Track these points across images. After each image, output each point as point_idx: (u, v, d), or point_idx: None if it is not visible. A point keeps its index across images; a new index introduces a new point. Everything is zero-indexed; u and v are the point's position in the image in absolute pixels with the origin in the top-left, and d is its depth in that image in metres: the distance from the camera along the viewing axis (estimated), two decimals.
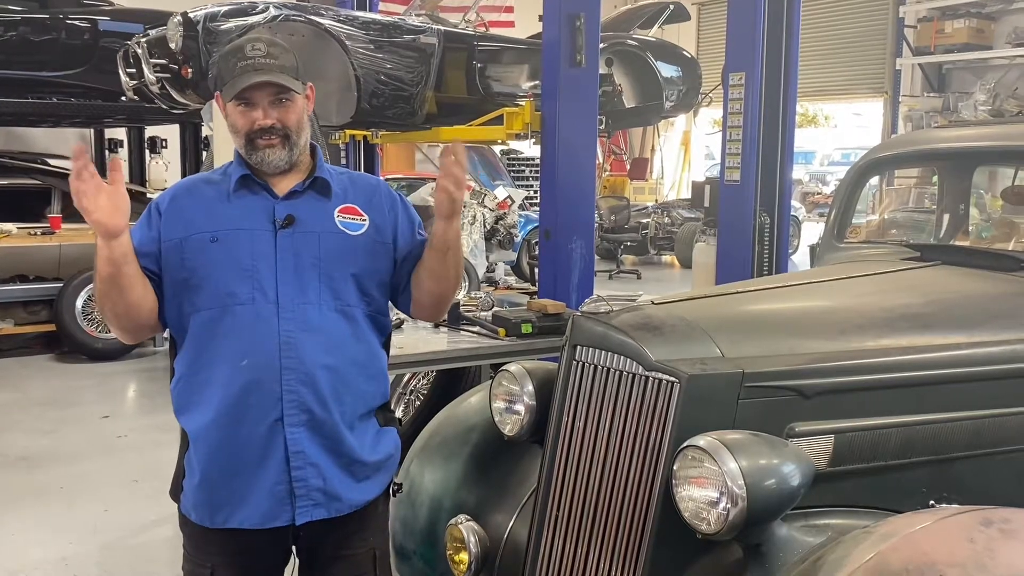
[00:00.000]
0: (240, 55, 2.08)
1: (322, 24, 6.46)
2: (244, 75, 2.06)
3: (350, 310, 2.13)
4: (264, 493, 2.05)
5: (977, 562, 1.63)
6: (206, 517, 2.10)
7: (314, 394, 2.05)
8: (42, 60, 8.53)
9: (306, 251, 2.09)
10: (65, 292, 7.84)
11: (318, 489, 2.08)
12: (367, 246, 2.17)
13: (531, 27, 8.95)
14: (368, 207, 2.20)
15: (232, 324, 2.04)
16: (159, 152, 12.12)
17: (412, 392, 5.18)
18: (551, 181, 5.79)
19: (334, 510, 2.11)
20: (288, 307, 2.05)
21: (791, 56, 4.89)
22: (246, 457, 2.04)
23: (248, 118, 2.08)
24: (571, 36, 5.60)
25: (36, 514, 4.62)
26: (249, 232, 2.08)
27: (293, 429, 2.04)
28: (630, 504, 2.10)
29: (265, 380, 2.02)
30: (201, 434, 2.07)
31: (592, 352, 2.24)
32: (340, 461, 2.10)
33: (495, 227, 11.01)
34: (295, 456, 2.05)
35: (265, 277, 2.06)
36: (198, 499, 2.10)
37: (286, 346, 2.03)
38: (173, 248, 2.08)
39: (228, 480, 2.06)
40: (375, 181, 2.32)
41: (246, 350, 2.03)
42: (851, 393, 2.21)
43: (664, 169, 19.48)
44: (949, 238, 3.53)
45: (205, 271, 2.06)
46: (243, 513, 2.06)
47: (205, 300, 2.06)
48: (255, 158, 2.10)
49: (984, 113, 12.73)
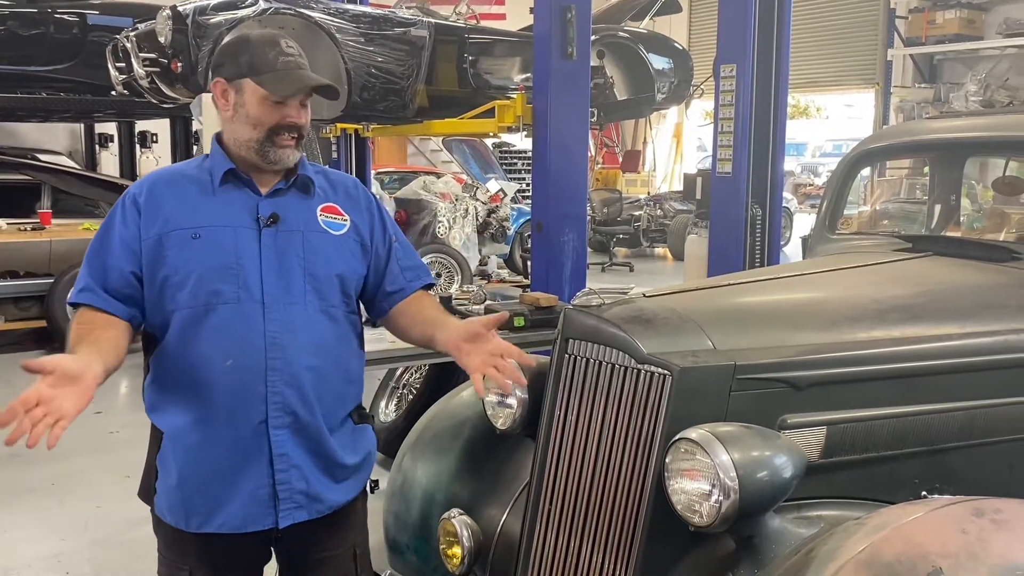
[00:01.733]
0: (278, 48, 2.03)
1: (312, 17, 6.44)
2: (293, 71, 2.02)
3: (333, 311, 2.10)
4: (246, 496, 2.00)
5: (969, 552, 1.63)
6: (182, 520, 2.03)
7: (299, 395, 2.01)
8: (31, 54, 8.49)
9: (290, 250, 2.05)
10: (56, 288, 7.80)
11: (301, 492, 2.04)
12: (348, 246, 2.14)
13: (522, 19, 8.93)
14: (348, 207, 2.17)
15: (216, 323, 1.98)
16: (149, 147, 12.09)
17: (405, 386, 5.18)
18: (543, 174, 5.78)
19: (315, 511, 2.07)
20: (274, 307, 2.00)
21: (782, 48, 4.89)
22: (228, 459, 1.98)
23: (279, 113, 2.02)
24: (562, 28, 5.59)
25: (28, 511, 4.60)
26: (232, 229, 2.03)
27: (277, 431, 2.00)
28: (623, 497, 2.10)
29: (250, 381, 1.98)
30: (179, 434, 2.00)
31: (584, 345, 2.24)
32: (321, 463, 2.07)
33: (487, 220, 11.00)
34: (279, 459, 2.01)
35: (250, 276, 2.00)
36: (174, 501, 2.03)
37: (272, 347, 1.99)
38: (152, 245, 2.00)
39: (208, 482, 2.00)
40: (352, 180, 2.29)
41: (231, 350, 1.97)
42: (843, 384, 2.21)
43: (656, 161, 19.50)
44: (940, 229, 3.54)
45: (187, 268, 1.98)
46: (223, 516, 2.01)
47: (187, 298, 1.98)
48: (272, 155, 2.04)
49: (975, 104, 12.77)
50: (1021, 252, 2.87)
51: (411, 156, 16.36)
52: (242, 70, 2.03)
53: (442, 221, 10.49)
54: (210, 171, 2.09)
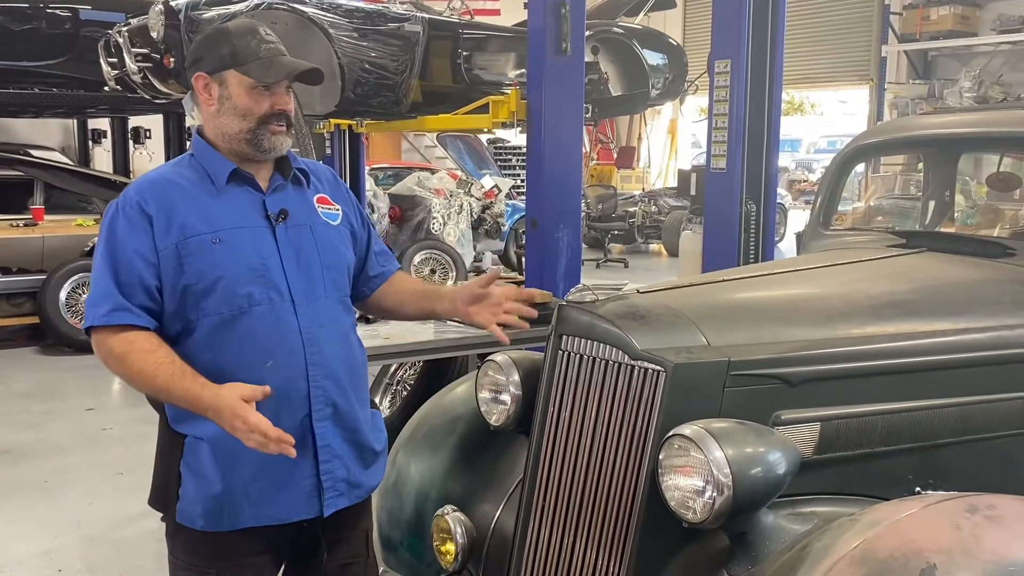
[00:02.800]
0: (259, 37, 2.03)
1: (305, 12, 6.41)
2: (276, 58, 2.01)
3: (346, 300, 2.18)
4: (292, 489, 2.02)
5: (963, 548, 1.63)
6: (225, 521, 2.00)
7: (337, 386, 2.06)
8: (22, 50, 8.45)
9: (304, 245, 2.07)
10: (48, 284, 7.77)
11: (343, 480, 2.09)
12: (344, 235, 2.19)
13: (516, 15, 8.91)
14: (335, 196, 2.21)
15: (249, 326, 1.97)
16: (143, 143, 12.07)
17: (399, 383, 5.17)
18: (538, 170, 5.77)
19: (355, 497, 2.14)
20: (303, 303, 2.03)
21: (777, 43, 4.88)
22: (276, 457, 1.92)
23: (267, 101, 2.01)
24: (556, 24, 5.58)
25: (20, 508, 4.59)
26: (248, 230, 2.02)
27: (321, 423, 2.04)
28: (616, 493, 2.09)
29: (293, 379, 2.00)
30: (220, 440, 1.94)
31: (578, 342, 2.23)
32: (357, 450, 2.13)
33: (482, 216, 11.00)
34: (323, 450, 2.05)
35: (276, 275, 2.01)
36: (211, 505, 1.99)
37: (309, 343, 2.02)
38: (171, 255, 1.96)
39: (256, 481, 1.99)
40: (330, 170, 2.33)
41: (269, 351, 1.98)
42: (837, 380, 2.20)
43: (651, 157, 19.50)
44: (935, 225, 3.54)
45: (213, 274, 1.96)
46: (270, 509, 2.01)
47: (215, 304, 1.96)
48: (266, 144, 2.03)
49: (969, 100, 12.78)
50: (1015, 248, 2.87)
51: (405, 152, 16.36)
52: (225, 61, 2.01)
53: (436, 217, 10.49)
54: (207, 171, 2.05)
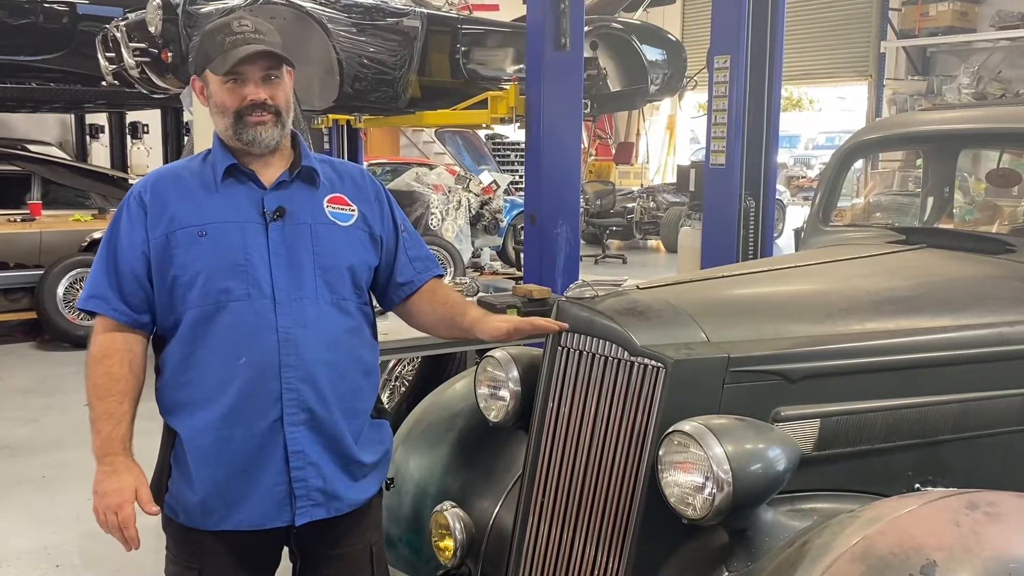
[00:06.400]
0: (227, 31, 2.01)
1: (303, 7, 6.40)
2: (235, 48, 1.98)
3: (345, 304, 2.07)
4: (263, 494, 1.99)
5: (963, 545, 1.63)
6: (198, 519, 2.02)
7: (314, 392, 1.99)
8: (20, 44, 8.44)
9: (299, 243, 2.03)
10: (46, 279, 7.75)
11: (318, 489, 2.02)
12: (357, 237, 2.12)
13: (515, 10, 8.89)
14: (355, 197, 2.15)
15: (227, 321, 1.96)
16: (140, 138, 12.03)
17: (397, 379, 5.16)
18: (536, 166, 5.76)
19: (333, 509, 2.06)
20: (285, 302, 1.99)
21: (776, 39, 4.88)
22: (245, 458, 1.97)
23: (238, 94, 1.99)
24: (555, 19, 5.57)
25: (18, 503, 4.58)
26: (238, 225, 2.00)
27: (293, 428, 1.98)
28: (615, 489, 2.09)
29: (264, 379, 1.96)
30: (195, 435, 1.98)
31: (577, 338, 2.23)
32: (339, 460, 2.06)
33: (480, 212, 10.97)
34: (295, 456, 1.99)
35: (259, 271, 1.98)
36: (189, 500, 2.01)
37: (285, 343, 1.97)
38: (160, 245, 1.99)
39: (225, 482, 1.98)
40: (359, 170, 2.26)
41: (243, 348, 1.96)
42: (837, 377, 2.20)
43: (649, 153, 19.47)
44: (934, 221, 3.53)
45: (195, 267, 1.97)
46: (240, 515, 2.00)
47: (196, 297, 1.97)
48: (246, 136, 2.01)
49: (968, 96, 12.78)
50: (1015, 244, 2.87)
51: (403, 147, 16.34)
52: (202, 61, 2.03)
53: (435, 213, 10.47)
54: (212, 167, 2.07)
